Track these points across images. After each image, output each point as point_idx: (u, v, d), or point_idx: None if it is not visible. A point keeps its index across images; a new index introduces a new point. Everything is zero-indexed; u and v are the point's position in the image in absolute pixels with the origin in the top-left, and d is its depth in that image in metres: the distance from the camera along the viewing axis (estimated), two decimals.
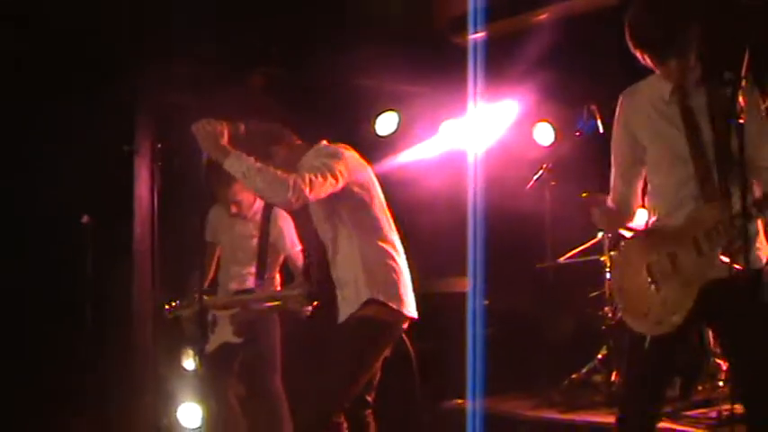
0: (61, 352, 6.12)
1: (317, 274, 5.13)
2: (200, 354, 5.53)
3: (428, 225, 6.91)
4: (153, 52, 6.20)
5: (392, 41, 6.23)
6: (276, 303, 5.60)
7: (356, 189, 4.34)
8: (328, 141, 4.52)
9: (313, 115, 4.50)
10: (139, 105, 6.47)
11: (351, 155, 4.41)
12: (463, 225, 6.45)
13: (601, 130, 7.41)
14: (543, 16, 6.87)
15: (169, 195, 4.71)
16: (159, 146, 4.69)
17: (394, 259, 4.39)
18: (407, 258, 4.46)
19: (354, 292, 4.32)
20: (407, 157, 8.01)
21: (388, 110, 8.20)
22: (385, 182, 4.56)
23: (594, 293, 6.99)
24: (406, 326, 4.42)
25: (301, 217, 5.05)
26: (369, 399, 4.49)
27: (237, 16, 6.02)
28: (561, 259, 7.10)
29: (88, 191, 6.12)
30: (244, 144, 4.18)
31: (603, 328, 6.68)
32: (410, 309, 4.38)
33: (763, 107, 3.63)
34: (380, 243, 4.38)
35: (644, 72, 3.76)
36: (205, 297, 5.33)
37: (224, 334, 5.59)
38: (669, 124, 3.65)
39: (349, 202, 4.33)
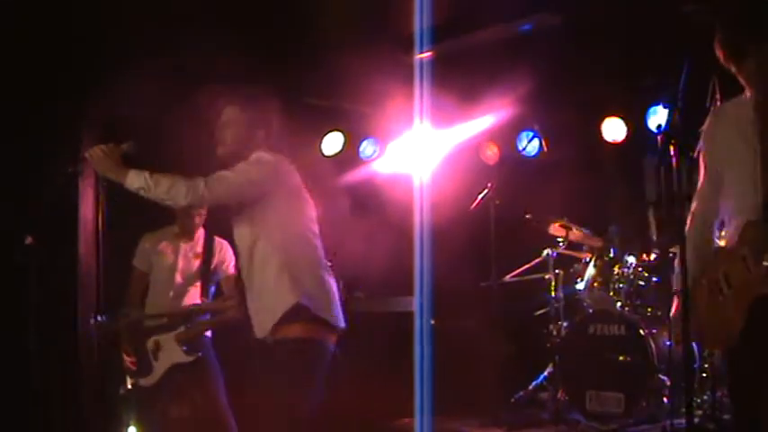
0: (3, 373, 6.01)
1: None
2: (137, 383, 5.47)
3: (374, 244, 6.92)
4: (99, 70, 6.15)
5: (339, 60, 6.24)
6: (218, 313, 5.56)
7: (282, 196, 4.23)
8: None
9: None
10: (85, 124, 6.41)
11: (278, 159, 4.31)
12: (409, 244, 6.47)
13: (544, 150, 7.53)
14: (489, 36, 6.93)
15: (114, 216, 4.65)
16: None
17: (322, 268, 4.27)
18: (354, 279, 4.42)
19: (276, 298, 4.14)
20: (353, 176, 8.04)
21: (333, 129, 8.23)
22: (330, 201, 4.54)
23: (540, 311, 7.06)
24: (334, 340, 4.24)
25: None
26: None
27: (186, 34, 5.99)
28: (506, 278, 7.16)
29: (32, 211, 6.03)
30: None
31: (549, 345, 6.76)
32: (337, 319, 4.22)
33: None
34: (307, 251, 4.25)
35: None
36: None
37: (171, 356, 5.52)
38: (747, 146, 3.52)
39: (273, 208, 4.20)
